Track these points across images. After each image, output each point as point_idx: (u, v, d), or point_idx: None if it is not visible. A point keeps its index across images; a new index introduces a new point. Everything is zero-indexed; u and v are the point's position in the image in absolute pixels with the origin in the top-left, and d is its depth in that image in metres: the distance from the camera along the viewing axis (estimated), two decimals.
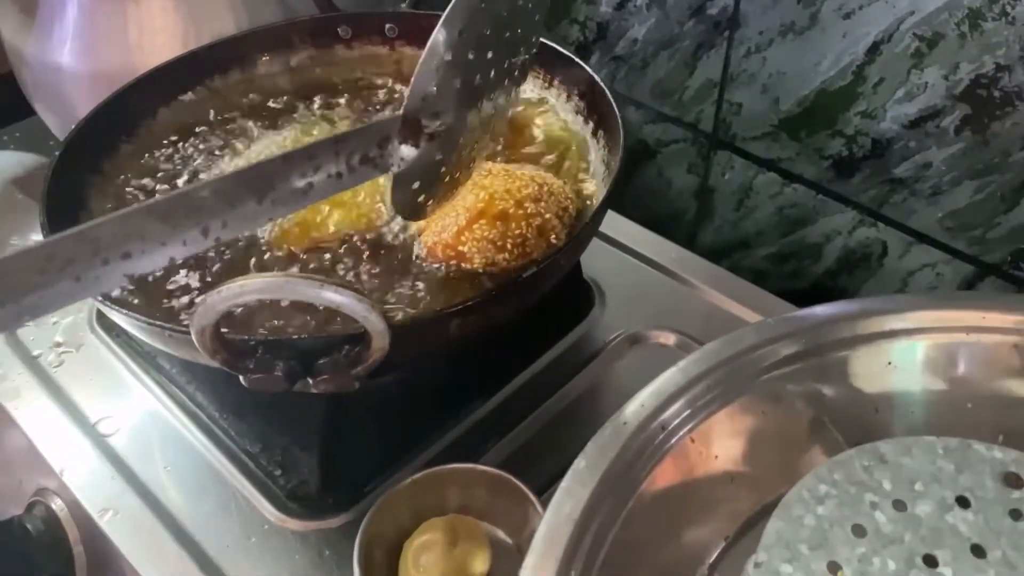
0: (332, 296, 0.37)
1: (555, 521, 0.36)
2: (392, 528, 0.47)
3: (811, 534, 0.35)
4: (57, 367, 0.58)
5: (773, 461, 0.43)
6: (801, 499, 0.37)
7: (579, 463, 0.39)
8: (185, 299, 0.48)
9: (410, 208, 0.41)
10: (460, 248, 0.49)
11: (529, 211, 0.50)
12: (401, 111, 0.38)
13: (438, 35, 0.38)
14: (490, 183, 0.50)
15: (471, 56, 0.39)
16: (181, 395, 0.55)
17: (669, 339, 0.58)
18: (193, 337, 0.38)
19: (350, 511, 0.49)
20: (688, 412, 0.41)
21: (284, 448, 0.51)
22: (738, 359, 0.42)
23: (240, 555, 0.47)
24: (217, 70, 0.65)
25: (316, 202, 0.37)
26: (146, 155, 0.59)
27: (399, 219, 0.52)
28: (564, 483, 0.38)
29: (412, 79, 0.38)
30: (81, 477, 0.51)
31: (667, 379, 0.42)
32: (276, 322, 0.46)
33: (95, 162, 0.57)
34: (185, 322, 0.46)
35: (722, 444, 0.42)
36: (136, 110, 0.61)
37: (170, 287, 0.49)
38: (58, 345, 0.59)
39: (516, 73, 0.44)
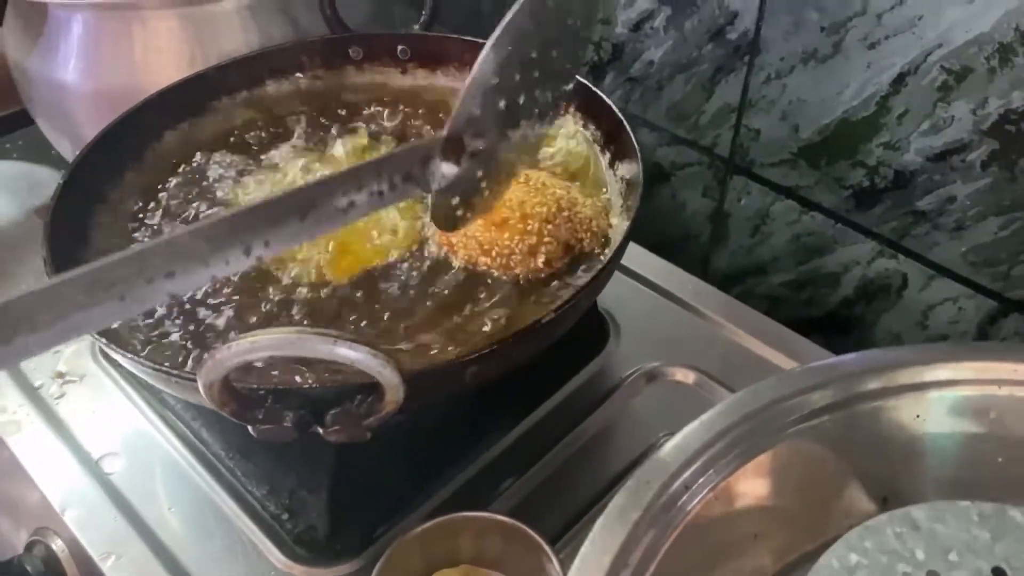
0: (346, 352, 0.35)
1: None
2: None
3: None
4: (59, 399, 0.56)
5: (798, 517, 0.42)
6: (831, 568, 0.35)
7: (600, 526, 0.37)
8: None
9: (448, 221, 0.41)
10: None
11: (529, 228, 0.50)
12: (445, 131, 0.38)
13: (487, 57, 0.37)
14: (512, 191, 0.50)
15: (517, 78, 0.39)
16: (186, 431, 0.54)
17: (688, 377, 0.56)
18: (200, 390, 0.37)
19: (359, 558, 0.48)
20: (712, 470, 0.40)
21: (291, 491, 0.49)
22: (763, 412, 0.41)
23: None
24: (225, 91, 0.64)
25: (357, 220, 0.37)
26: (152, 181, 0.58)
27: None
28: (585, 548, 0.36)
29: (458, 99, 0.37)
30: (83, 517, 0.49)
31: (691, 434, 0.40)
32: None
33: (99, 190, 0.55)
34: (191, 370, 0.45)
35: (745, 501, 0.41)
36: (142, 133, 0.59)
37: None
38: (60, 376, 0.58)
39: (561, 92, 0.43)
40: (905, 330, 0.68)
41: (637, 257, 0.66)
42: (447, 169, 0.38)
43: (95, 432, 0.54)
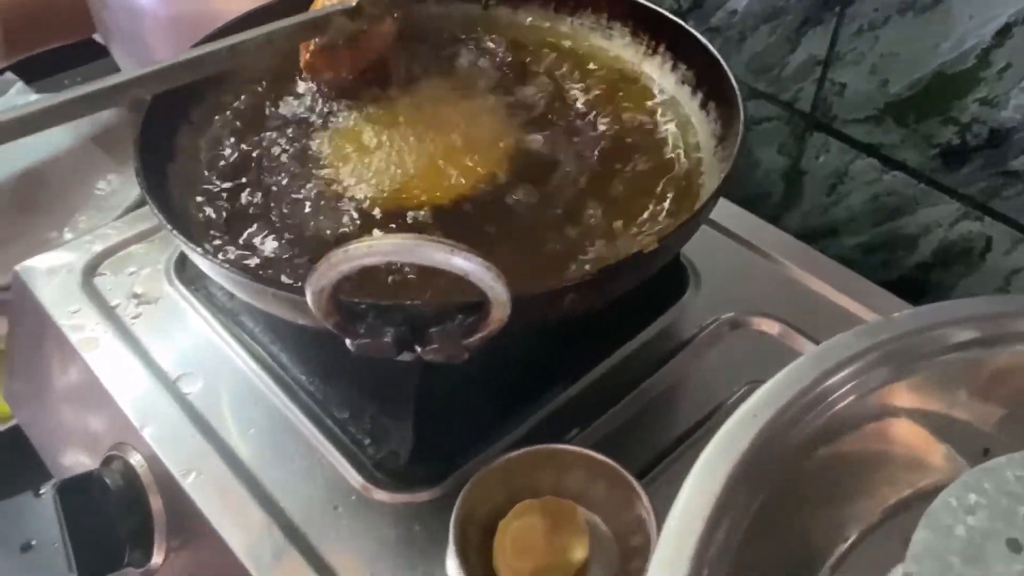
0: (461, 262, 0.35)
1: (687, 514, 0.34)
2: (485, 507, 0.45)
3: (963, 546, 0.33)
4: (135, 319, 0.56)
5: (902, 461, 0.41)
6: (949, 507, 0.34)
7: (708, 455, 0.36)
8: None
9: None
10: None
11: None
12: None
13: None
14: None
15: None
16: (264, 355, 0.53)
17: (772, 327, 0.55)
18: (308, 296, 0.36)
19: (439, 486, 0.47)
20: (819, 407, 0.39)
21: (373, 416, 0.49)
22: (872, 352, 0.40)
23: (327, 524, 0.45)
24: None
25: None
26: (236, 103, 0.57)
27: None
28: (693, 476, 0.36)
29: None
30: (162, 434, 0.49)
31: (796, 370, 0.39)
32: None
33: (184, 110, 0.55)
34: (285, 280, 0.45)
35: (851, 441, 0.40)
36: None
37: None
38: (136, 296, 0.57)
39: None
40: (985, 295, 0.66)
41: (718, 207, 0.64)
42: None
43: (172, 352, 0.54)
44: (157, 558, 0.50)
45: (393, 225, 0.48)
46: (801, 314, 0.56)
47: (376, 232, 0.48)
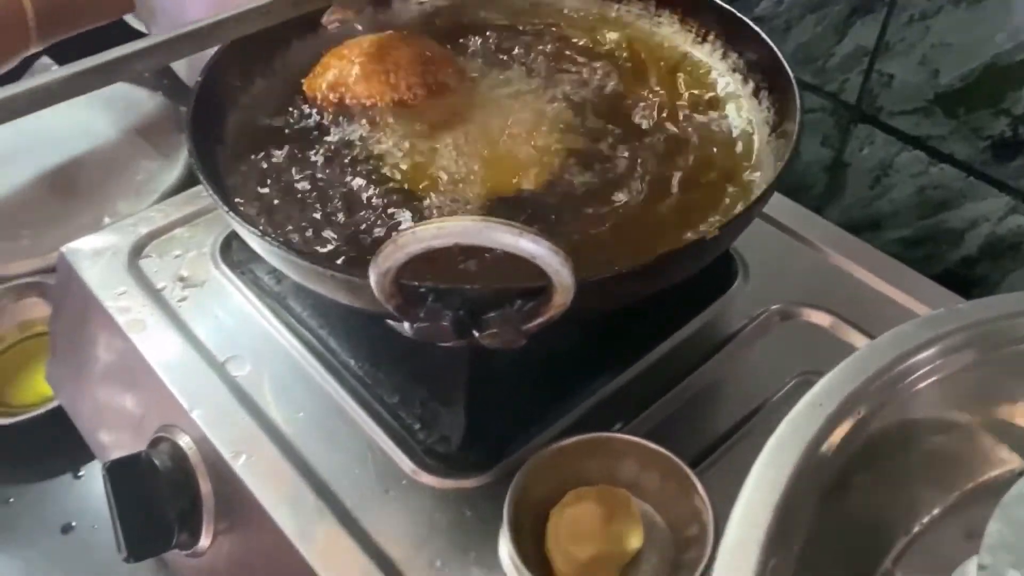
0: (529, 245, 0.34)
1: (754, 504, 0.34)
2: (538, 493, 0.45)
3: None
4: (181, 302, 0.56)
5: (965, 454, 0.41)
6: (1022, 499, 0.34)
7: (773, 445, 0.36)
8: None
9: None
10: None
11: None
12: None
13: None
14: None
15: None
16: (312, 339, 0.53)
17: (823, 319, 0.54)
18: (372, 278, 0.36)
19: (489, 473, 0.47)
20: (882, 397, 0.38)
21: (423, 401, 0.49)
22: (936, 343, 0.39)
23: (379, 509, 0.45)
24: None
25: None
26: (281, 88, 0.57)
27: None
28: (759, 465, 0.35)
29: None
30: (212, 416, 0.49)
31: (861, 359, 0.39)
32: None
33: (232, 95, 0.55)
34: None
35: (915, 431, 0.39)
36: (270, 42, 0.58)
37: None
38: (181, 279, 0.57)
39: None
40: None
41: None
42: None
43: (219, 335, 0.54)
44: (204, 540, 0.50)
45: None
46: (851, 306, 0.55)
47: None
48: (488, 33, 0.61)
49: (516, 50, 0.60)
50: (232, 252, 0.58)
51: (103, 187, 0.86)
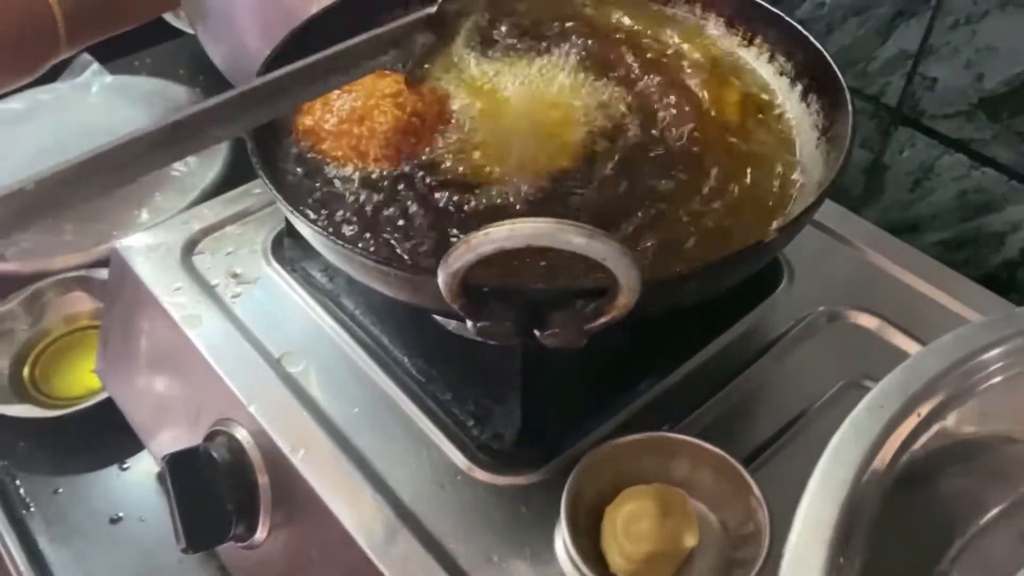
0: (600, 246, 0.35)
1: (819, 506, 0.35)
2: (592, 491, 0.45)
3: None
4: (235, 299, 0.57)
5: (1021, 457, 0.41)
6: None
7: (835, 444, 0.37)
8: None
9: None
10: None
11: None
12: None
13: None
14: None
15: None
16: (365, 336, 0.54)
17: (871, 322, 0.55)
18: (441, 278, 0.37)
19: (542, 469, 0.48)
20: (943, 399, 0.39)
21: (476, 399, 0.50)
22: (996, 347, 0.40)
23: (435, 504, 0.46)
24: (399, 3, 0.63)
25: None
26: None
27: None
28: (822, 466, 0.36)
29: None
30: (270, 410, 0.50)
31: (921, 362, 0.39)
32: None
33: None
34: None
35: (974, 435, 0.40)
36: (323, 40, 0.59)
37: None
38: (235, 276, 0.58)
39: None
40: None
41: None
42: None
43: (273, 331, 0.55)
44: (261, 533, 0.51)
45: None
46: (897, 309, 0.56)
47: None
48: (528, 28, 0.61)
49: (559, 50, 0.60)
50: (284, 249, 0.59)
51: (143, 183, 0.87)
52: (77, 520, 0.66)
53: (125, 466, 0.71)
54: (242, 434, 0.51)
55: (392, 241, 0.47)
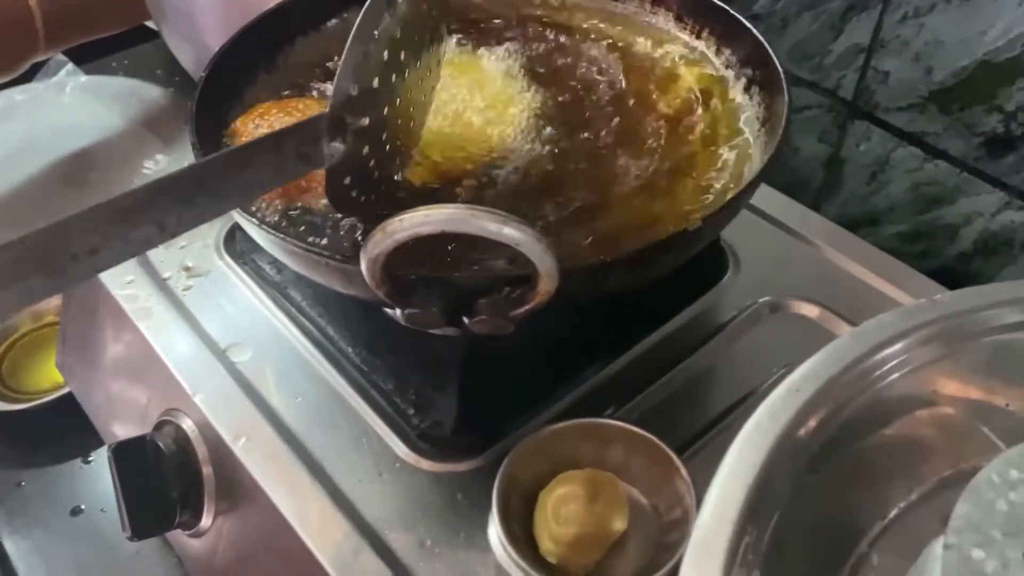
0: (512, 232, 0.36)
1: (729, 485, 0.35)
2: (527, 476, 0.46)
3: (1005, 520, 0.33)
4: (186, 291, 0.58)
5: (941, 440, 0.41)
6: (991, 483, 0.35)
7: (750, 428, 0.37)
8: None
9: (344, 203, 0.43)
10: None
11: None
12: (328, 110, 0.40)
13: (351, 43, 0.39)
14: None
15: (386, 56, 0.41)
16: (311, 327, 0.55)
17: (812, 311, 0.55)
18: (363, 265, 0.37)
19: (480, 456, 0.48)
20: (861, 384, 0.39)
21: (418, 387, 0.50)
22: (915, 332, 0.40)
23: (373, 491, 0.47)
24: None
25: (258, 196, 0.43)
26: (284, 84, 0.58)
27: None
28: (736, 446, 0.36)
29: (335, 82, 0.39)
30: (214, 400, 0.51)
31: (840, 347, 0.40)
32: None
33: (236, 88, 0.56)
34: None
35: (892, 419, 0.40)
36: (275, 38, 0.60)
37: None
38: (187, 269, 0.59)
39: (432, 61, 0.47)
40: None
41: (759, 192, 0.64)
42: (335, 147, 0.40)
43: (222, 323, 0.56)
44: (206, 520, 0.51)
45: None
46: (840, 298, 0.56)
47: None
48: (481, 23, 0.62)
49: (507, 36, 0.61)
50: (235, 243, 0.60)
51: (115, 180, 0.88)
52: (39, 512, 0.67)
53: (89, 459, 0.72)
54: (188, 424, 0.51)
55: (330, 233, 0.47)
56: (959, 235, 0.68)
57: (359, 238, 0.47)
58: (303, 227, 0.48)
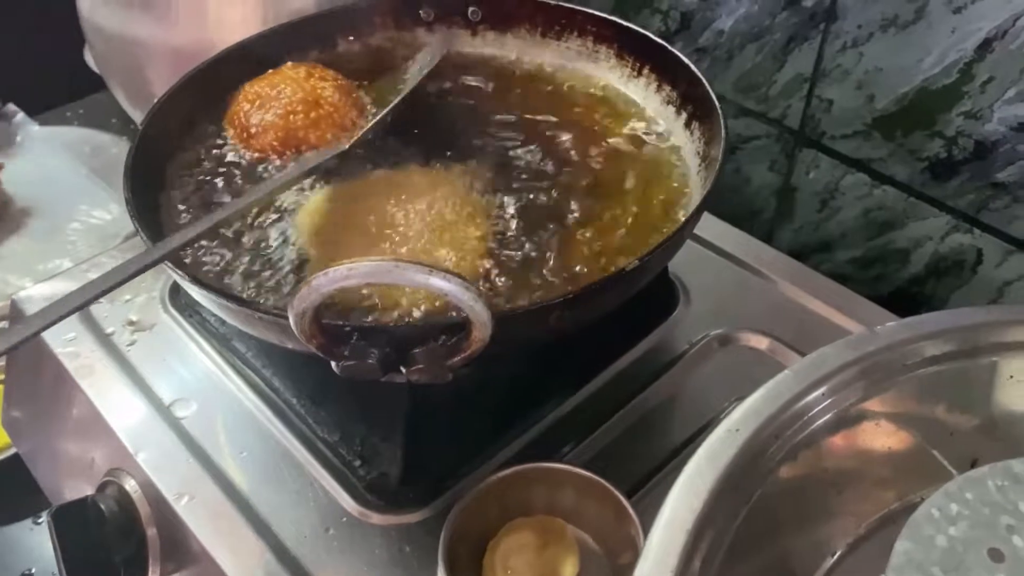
0: (440, 283, 0.35)
1: (669, 529, 0.34)
2: (477, 526, 0.45)
3: (943, 556, 0.33)
4: (130, 346, 0.57)
5: (885, 474, 0.41)
6: (931, 518, 0.34)
7: (690, 469, 0.37)
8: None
9: None
10: None
11: None
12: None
13: None
14: None
15: None
16: (256, 379, 0.54)
17: (761, 343, 0.55)
18: (291, 320, 0.37)
19: (430, 507, 0.47)
20: (802, 420, 0.39)
21: (363, 438, 0.49)
22: (856, 365, 0.40)
23: (318, 547, 0.46)
24: (296, 49, 0.64)
25: None
26: (224, 132, 0.58)
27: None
28: (676, 490, 0.36)
29: None
30: (156, 459, 0.50)
31: (780, 383, 0.40)
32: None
33: (176, 139, 0.56)
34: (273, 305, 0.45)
35: (835, 454, 0.40)
36: (216, 88, 0.59)
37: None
38: (131, 324, 0.58)
39: None
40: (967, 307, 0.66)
41: (708, 225, 0.65)
42: None
43: (166, 378, 0.54)
44: None
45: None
46: (791, 329, 0.56)
47: None
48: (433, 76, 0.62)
49: (447, 92, 0.61)
50: (180, 296, 0.59)
51: (65, 230, 0.87)
52: None
53: (39, 520, 0.70)
54: (131, 484, 0.50)
55: (269, 286, 0.47)
56: (911, 259, 0.69)
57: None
58: (248, 258, 0.47)
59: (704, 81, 0.54)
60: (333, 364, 0.40)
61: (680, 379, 0.54)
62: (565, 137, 0.57)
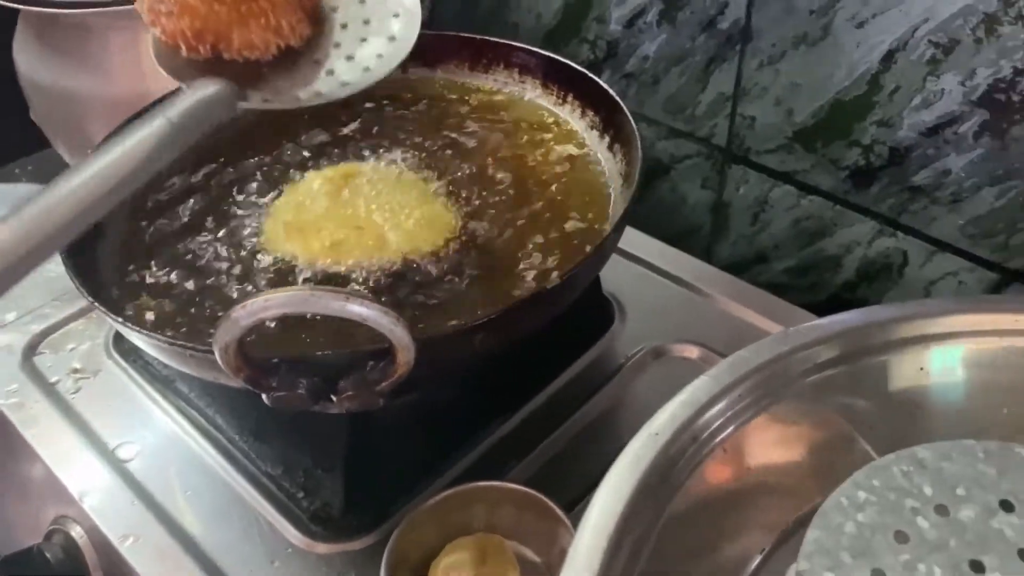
0: (358, 309, 0.36)
1: (590, 535, 0.36)
2: (419, 548, 0.46)
3: (852, 542, 0.34)
4: (75, 394, 0.57)
5: (807, 471, 0.42)
6: (840, 506, 0.36)
7: (611, 476, 0.38)
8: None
9: None
10: None
11: None
12: None
13: None
14: None
15: None
16: (200, 419, 0.54)
17: (692, 352, 0.57)
18: (216, 354, 0.38)
19: (374, 532, 0.48)
20: (720, 422, 0.40)
21: (306, 470, 0.50)
22: (770, 367, 0.42)
23: None
24: None
25: None
26: (164, 180, 0.59)
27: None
28: (598, 497, 0.37)
29: None
30: (101, 503, 0.50)
31: (698, 388, 0.41)
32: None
33: None
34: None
35: (755, 454, 0.41)
36: None
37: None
38: (75, 371, 0.59)
39: None
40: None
41: (642, 244, 0.67)
42: None
43: (111, 423, 0.55)
44: None
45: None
46: (722, 339, 0.58)
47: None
48: (363, 104, 0.64)
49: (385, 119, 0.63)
50: (124, 340, 0.60)
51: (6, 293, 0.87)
52: None
53: None
54: (77, 531, 0.50)
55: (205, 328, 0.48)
56: (842, 265, 0.71)
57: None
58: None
59: (623, 106, 0.56)
60: (264, 396, 0.41)
61: (617, 392, 0.56)
62: (502, 156, 0.59)
